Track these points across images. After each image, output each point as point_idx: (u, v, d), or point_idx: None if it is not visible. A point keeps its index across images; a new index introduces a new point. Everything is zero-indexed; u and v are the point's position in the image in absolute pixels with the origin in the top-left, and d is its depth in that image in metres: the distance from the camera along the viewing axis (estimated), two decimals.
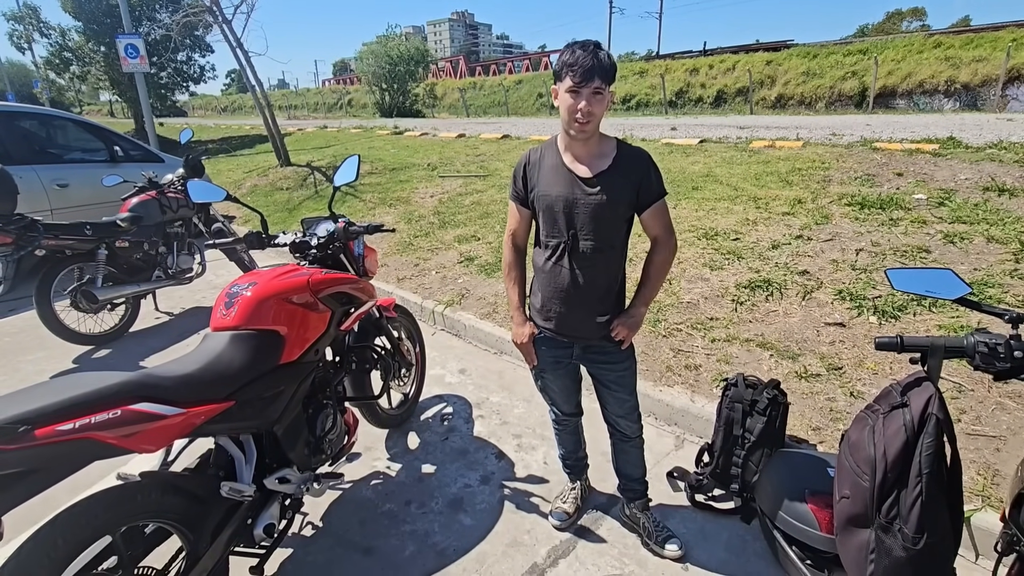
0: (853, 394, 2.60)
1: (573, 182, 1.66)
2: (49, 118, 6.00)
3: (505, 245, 1.91)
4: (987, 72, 15.10)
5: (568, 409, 2.07)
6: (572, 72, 1.51)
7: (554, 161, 1.70)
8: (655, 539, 2.01)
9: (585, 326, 1.78)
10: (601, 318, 1.77)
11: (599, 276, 1.73)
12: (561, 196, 1.66)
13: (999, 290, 3.07)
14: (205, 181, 2.68)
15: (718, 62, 21.84)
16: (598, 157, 1.66)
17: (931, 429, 1.25)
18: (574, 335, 1.81)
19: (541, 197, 1.71)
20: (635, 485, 2.09)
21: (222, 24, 8.82)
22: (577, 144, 1.65)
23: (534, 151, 1.77)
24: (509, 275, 1.90)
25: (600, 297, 1.75)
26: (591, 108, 1.53)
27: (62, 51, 22.02)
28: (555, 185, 1.68)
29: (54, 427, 1.13)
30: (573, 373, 2.00)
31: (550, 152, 1.73)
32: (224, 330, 1.64)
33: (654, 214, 1.71)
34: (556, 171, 1.69)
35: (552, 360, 1.91)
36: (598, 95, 1.53)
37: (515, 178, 1.80)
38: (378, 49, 25.49)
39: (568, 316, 1.77)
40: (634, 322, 1.79)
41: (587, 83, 1.51)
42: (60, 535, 1.21)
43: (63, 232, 3.55)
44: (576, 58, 1.51)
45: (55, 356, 3.64)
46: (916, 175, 4.93)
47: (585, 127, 1.57)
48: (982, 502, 1.97)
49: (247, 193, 8.89)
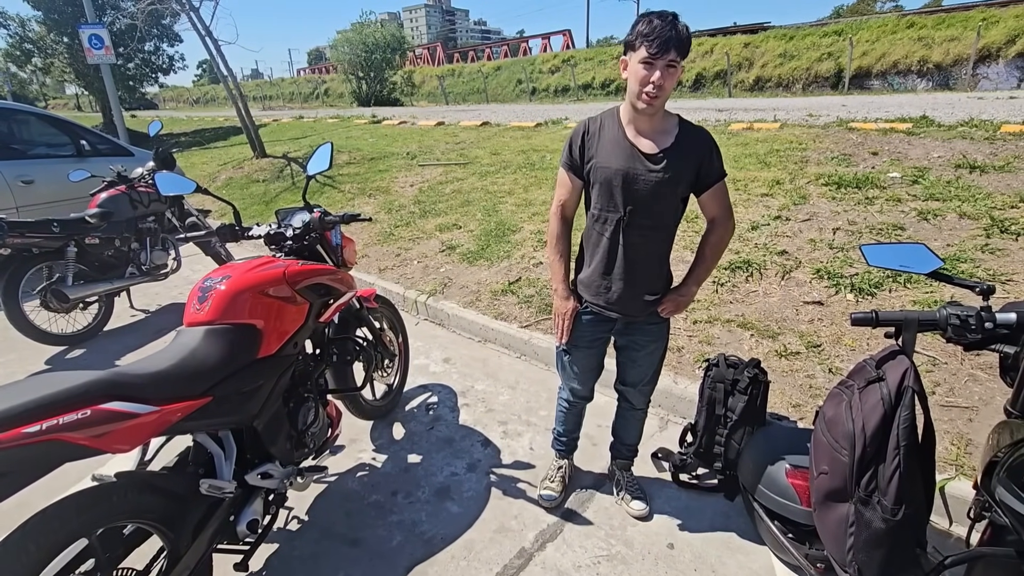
0: (832, 371, 2.65)
1: (635, 156, 1.62)
2: (11, 112, 5.76)
3: (553, 215, 1.84)
4: (958, 52, 15.31)
5: (584, 392, 2.09)
6: (649, 43, 1.45)
7: (615, 134, 1.66)
8: (625, 496, 2.12)
9: (635, 303, 1.77)
10: (650, 296, 1.77)
11: (652, 254, 1.73)
12: (621, 170, 1.63)
13: (971, 264, 3.14)
14: (174, 174, 2.60)
15: (696, 45, 21.75)
16: (662, 133, 1.63)
17: (907, 402, 1.27)
18: (623, 311, 1.79)
19: (600, 169, 1.67)
20: (626, 450, 2.19)
21: (189, 12, 8.55)
22: (642, 118, 1.61)
23: (592, 120, 1.72)
24: (555, 247, 1.84)
25: (652, 275, 1.76)
26: (663, 81, 1.49)
27: (22, 42, 21.19)
28: (616, 158, 1.64)
29: (19, 430, 1.09)
30: (601, 355, 2.00)
31: (611, 123, 1.68)
32: (198, 325, 1.60)
33: (714, 195, 1.69)
34: (617, 144, 1.65)
35: (589, 338, 1.90)
36: (671, 68, 1.49)
37: (571, 146, 1.73)
38: (353, 37, 25.00)
39: (619, 293, 1.75)
40: (685, 300, 1.81)
41: (663, 55, 1.46)
42: (31, 540, 1.17)
43: (29, 230, 3.43)
44: (654, 28, 1.45)
45: (26, 358, 3.54)
46: (891, 154, 5.00)
47: (655, 101, 1.53)
48: (956, 471, 2.03)
49: (222, 186, 8.70)
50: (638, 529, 2.04)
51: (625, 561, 1.91)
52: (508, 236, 4.77)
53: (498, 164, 7.04)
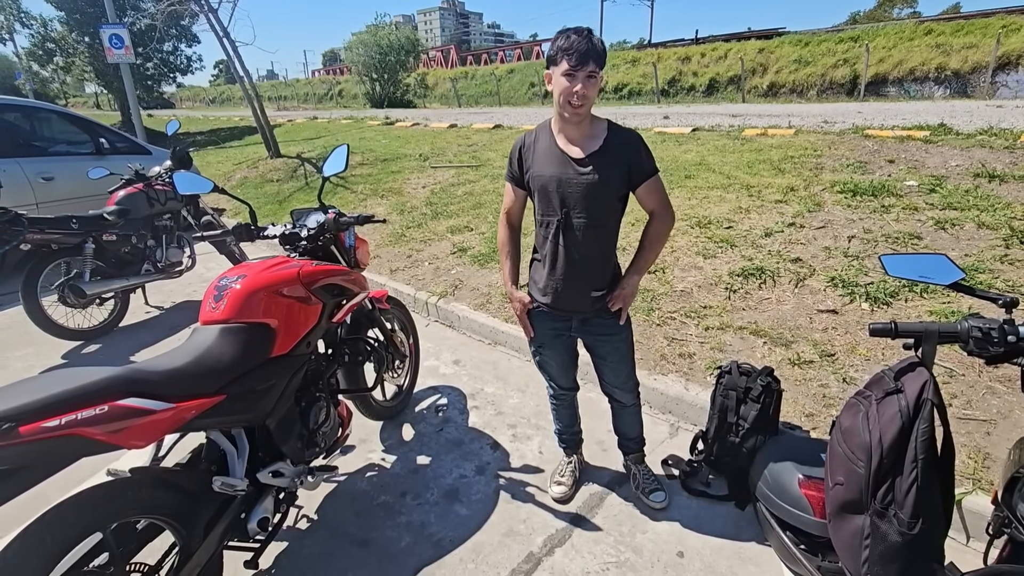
0: (846, 380, 2.62)
1: (566, 162, 1.72)
2: (33, 110, 5.88)
3: (500, 223, 1.99)
4: (977, 59, 15.12)
5: (565, 384, 2.16)
6: (568, 56, 1.56)
7: (548, 143, 1.77)
8: (643, 489, 2.18)
9: (581, 300, 1.86)
10: (596, 292, 1.85)
11: (592, 252, 1.81)
12: (555, 176, 1.73)
13: (990, 275, 3.09)
14: (192, 173, 2.64)
15: (710, 50, 21.75)
16: (590, 138, 1.73)
17: (926, 414, 1.25)
18: (570, 309, 1.89)
19: (535, 177, 1.78)
20: (630, 443, 2.24)
21: (208, 13, 8.67)
22: (570, 126, 1.72)
23: (529, 134, 1.85)
24: (503, 250, 2.00)
25: (594, 272, 1.83)
26: (586, 91, 1.59)
27: (45, 42, 21.65)
28: (549, 166, 1.75)
29: (39, 424, 1.11)
30: (570, 349, 2.09)
31: (544, 135, 1.80)
32: (213, 323, 1.61)
33: (648, 190, 1.79)
34: (550, 152, 1.76)
35: (551, 334, 1.99)
36: (592, 78, 1.60)
37: (511, 160, 1.87)
38: (368, 39, 25.21)
39: (564, 291, 1.84)
40: (628, 292, 1.88)
41: (582, 66, 1.56)
42: (48, 533, 1.19)
43: (49, 226, 3.49)
44: (572, 43, 1.56)
45: (43, 352, 3.59)
46: (907, 162, 4.94)
47: (579, 109, 1.63)
48: (973, 485, 1.99)
49: (237, 185, 8.79)
50: (648, 536, 2.03)
51: (634, 568, 1.89)
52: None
53: None
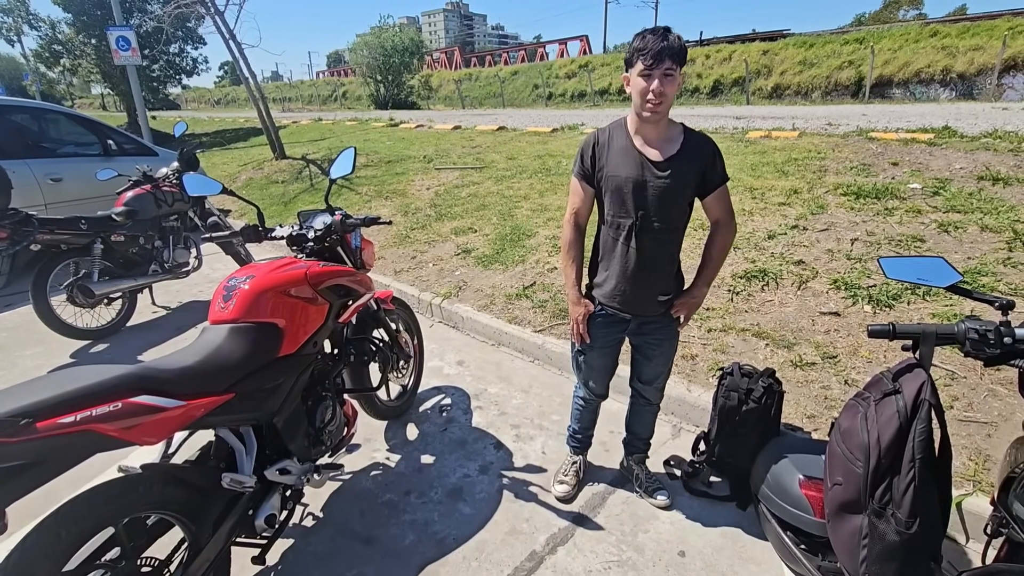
0: (848, 382, 2.63)
1: (643, 164, 1.71)
2: (41, 112, 5.93)
3: (566, 223, 1.92)
4: (983, 61, 15.06)
5: (600, 391, 2.17)
6: (643, 56, 1.57)
7: (624, 143, 1.75)
8: (646, 488, 2.19)
9: (648, 304, 1.87)
10: (663, 296, 1.86)
11: (663, 256, 1.82)
12: (631, 178, 1.72)
13: (992, 278, 3.10)
14: (200, 174, 2.68)
15: (714, 52, 21.72)
16: (667, 141, 1.73)
17: (923, 415, 1.27)
18: (638, 312, 1.89)
19: (610, 178, 1.76)
20: (640, 444, 2.26)
21: (214, 15, 8.74)
22: (648, 127, 1.71)
23: (602, 132, 1.81)
24: (568, 253, 1.93)
25: (663, 276, 1.85)
26: (663, 89, 1.58)
27: (52, 44, 21.80)
28: (625, 167, 1.73)
29: (55, 420, 1.13)
30: (616, 353, 2.08)
31: (619, 133, 1.78)
32: (222, 323, 1.64)
33: (717, 198, 1.78)
34: (626, 153, 1.74)
35: (604, 338, 1.99)
36: (669, 76, 1.58)
37: (582, 157, 1.83)
38: (372, 40, 25.31)
39: (633, 294, 1.85)
40: (696, 302, 1.90)
41: (659, 64, 1.56)
42: (63, 527, 1.22)
43: (58, 227, 3.54)
44: (646, 42, 1.57)
45: (52, 351, 3.63)
46: (911, 164, 4.94)
47: (658, 108, 1.61)
48: (973, 487, 2.00)
49: (242, 186, 8.85)
50: (649, 536, 2.05)
51: (636, 567, 1.91)
52: (523, 241, 4.79)
53: (514, 169, 7.07)
